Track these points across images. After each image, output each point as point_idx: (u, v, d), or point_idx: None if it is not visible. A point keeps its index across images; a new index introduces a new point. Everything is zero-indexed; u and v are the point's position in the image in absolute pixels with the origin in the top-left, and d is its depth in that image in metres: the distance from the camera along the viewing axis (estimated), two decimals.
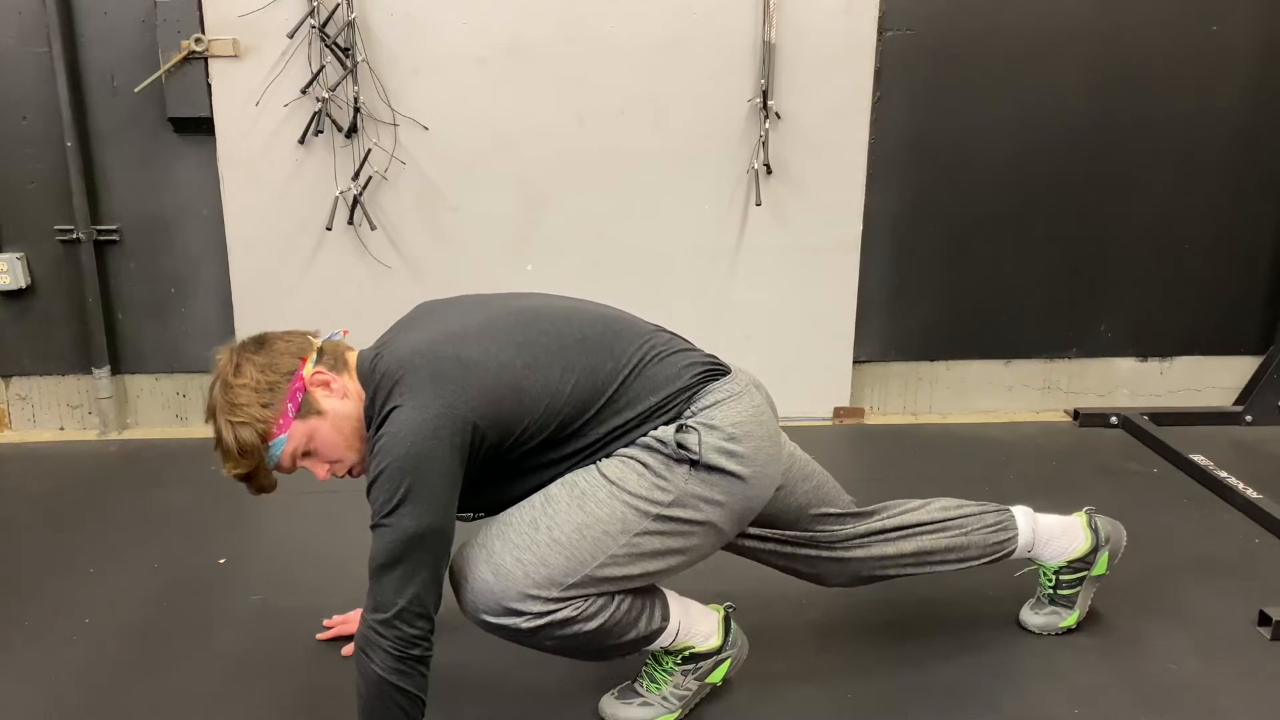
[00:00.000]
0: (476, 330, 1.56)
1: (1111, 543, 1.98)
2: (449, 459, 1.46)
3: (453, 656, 1.94)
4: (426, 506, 1.44)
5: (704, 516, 1.57)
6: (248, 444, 1.53)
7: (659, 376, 1.59)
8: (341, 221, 3.00)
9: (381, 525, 1.45)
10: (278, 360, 1.56)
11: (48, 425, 3.28)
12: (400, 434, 1.44)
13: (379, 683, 1.46)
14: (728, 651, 1.74)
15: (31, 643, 2.02)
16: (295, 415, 1.54)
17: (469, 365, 1.50)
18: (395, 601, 1.44)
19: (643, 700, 1.73)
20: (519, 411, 1.51)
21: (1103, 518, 2.00)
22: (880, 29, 3.02)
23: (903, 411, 3.41)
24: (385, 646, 1.45)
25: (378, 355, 1.56)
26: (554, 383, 1.53)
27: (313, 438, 1.56)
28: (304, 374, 1.55)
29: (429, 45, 2.94)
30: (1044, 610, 2.00)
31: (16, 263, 3.06)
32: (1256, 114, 3.18)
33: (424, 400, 1.46)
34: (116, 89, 2.99)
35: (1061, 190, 3.21)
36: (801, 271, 3.16)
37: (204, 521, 2.57)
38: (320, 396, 1.56)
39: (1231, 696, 1.82)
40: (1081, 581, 1.97)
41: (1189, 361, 3.41)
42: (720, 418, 1.57)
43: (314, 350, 1.59)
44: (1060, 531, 1.95)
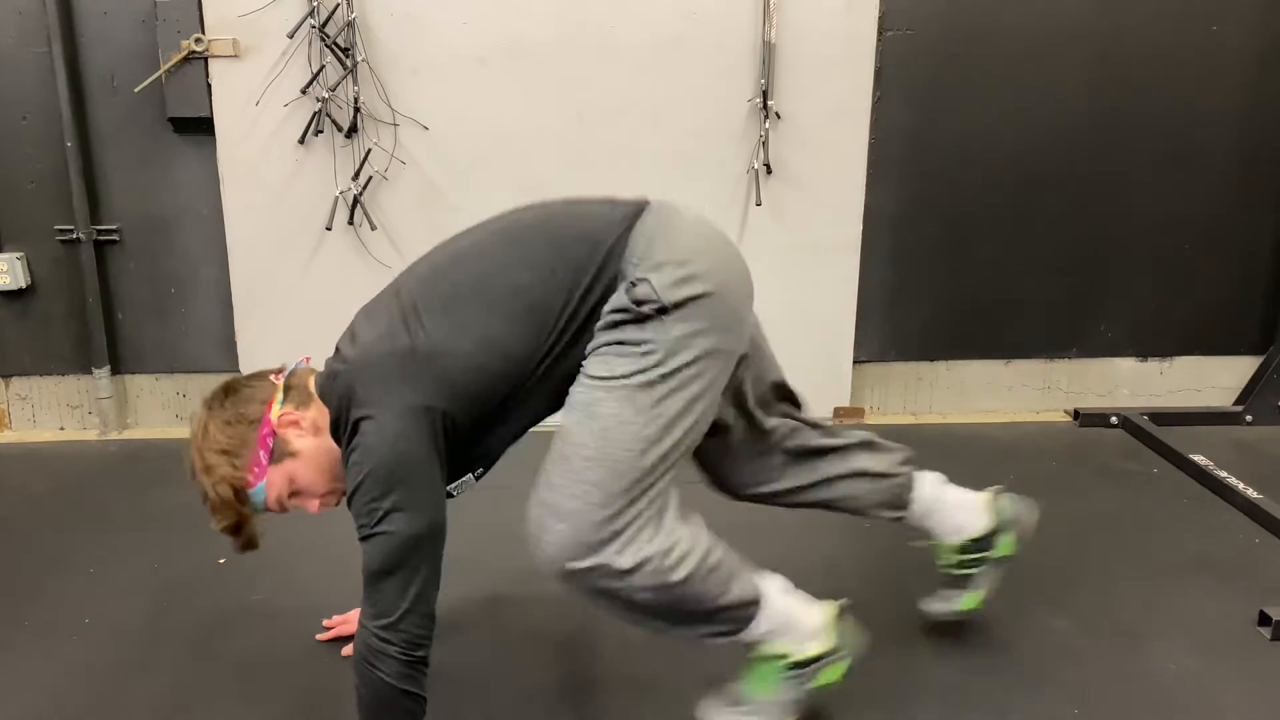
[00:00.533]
0: (412, 318, 1.51)
1: (1020, 526, 1.91)
2: (425, 455, 1.45)
3: (453, 656, 1.94)
4: (414, 508, 1.43)
5: (701, 348, 1.49)
6: (226, 500, 1.53)
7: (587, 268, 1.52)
8: (341, 221, 3.00)
9: (374, 535, 1.44)
10: (243, 410, 1.55)
11: (48, 425, 3.28)
12: (370, 443, 1.43)
13: (389, 691, 1.45)
14: (836, 655, 1.65)
15: (31, 643, 2.02)
16: (269, 461, 1.53)
17: (418, 357, 1.47)
18: (399, 606, 1.43)
19: (747, 707, 1.65)
20: (478, 382, 1.49)
21: (1011, 498, 1.93)
22: (880, 29, 3.02)
23: (903, 411, 3.41)
24: (393, 653, 1.44)
25: (331, 374, 1.54)
26: (501, 343, 1.49)
27: (293, 479, 1.55)
28: (271, 419, 1.54)
29: (429, 45, 2.94)
30: (943, 595, 1.96)
31: (16, 263, 3.07)
32: (1256, 114, 3.18)
33: (385, 404, 1.44)
34: (116, 89, 3.00)
35: (1062, 190, 3.21)
36: (801, 271, 3.16)
37: (204, 521, 2.55)
38: (292, 437, 1.55)
39: (1231, 696, 1.82)
40: (980, 564, 1.91)
41: (1189, 361, 3.42)
42: (659, 253, 1.51)
43: (279, 391, 1.57)
44: (961, 505, 1.90)
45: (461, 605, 2.10)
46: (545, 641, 2.00)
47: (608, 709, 1.81)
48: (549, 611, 2.08)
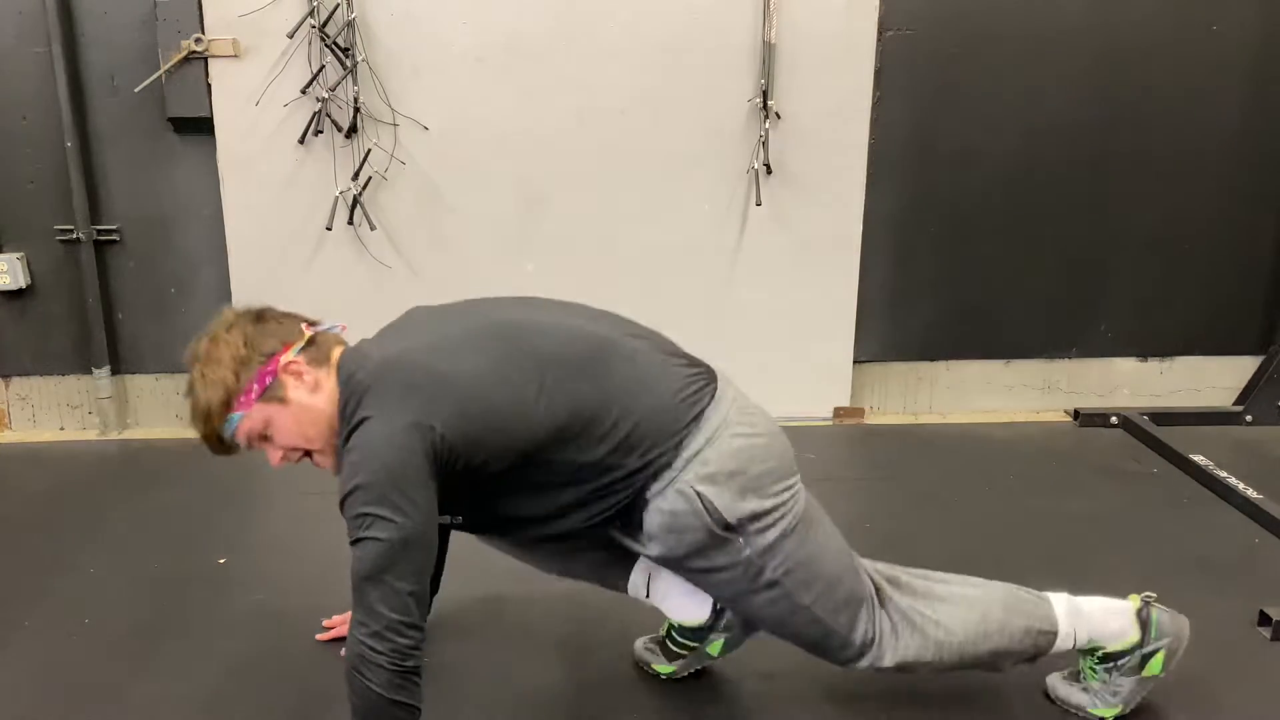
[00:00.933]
0: (454, 341, 1.54)
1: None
2: (421, 467, 1.44)
3: (453, 657, 1.94)
4: (404, 515, 1.43)
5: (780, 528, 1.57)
6: (212, 406, 1.53)
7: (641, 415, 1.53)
8: (341, 221, 3.00)
9: (362, 539, 1.44)
10: (263, 339, 1.56)
11: (48, 425, 3.28)
12: (370, 447, 1.44)
13: (378, 701, 1.45)
14: (1156, 644, 1.69)
15: (31, 643, 2.02)
16: (258, 397, 1.54)
17: (439, 377, 1.48)
18: (386, 614, 1.43)
19: (1083, 687, 1.77)
20: (489, 424, 1.48)
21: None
22: (880, 29, 3.02)
23: (903, 411, 3.41)
24: (381, 662, 1.43)
25: (356, 361, 1.55)
26: (528, 399, 1.49)
27: (270, 423, 1.55)
28: (281, 359, 1.55)
29: (429, 45, 2.94)
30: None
31: (16, 263, 3.06)
32: (1256, 114, 3.18)
33: (392, 411, 1.45)
34: (116, 89, 2.99)
35: (1061, 190, 3.21)
36: (801, 271, 3.16)
37: (204, 521, 2.57)
38: (289, 384, 1.55)
39: (1231, 696, 1.82)
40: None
41: (1189, 361, 3.41)
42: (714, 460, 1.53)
43: (301, 339, 1.58)
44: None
45: (461, 605, 2.10)
46: (545, 641, 2.00)
47: (608, 709, 1.80)
48: (549, 611, 2.08)
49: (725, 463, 1.53)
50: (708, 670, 1.90)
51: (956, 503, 2.66)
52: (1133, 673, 1.71)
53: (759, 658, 1.85)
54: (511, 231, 3.09)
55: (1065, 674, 1.81)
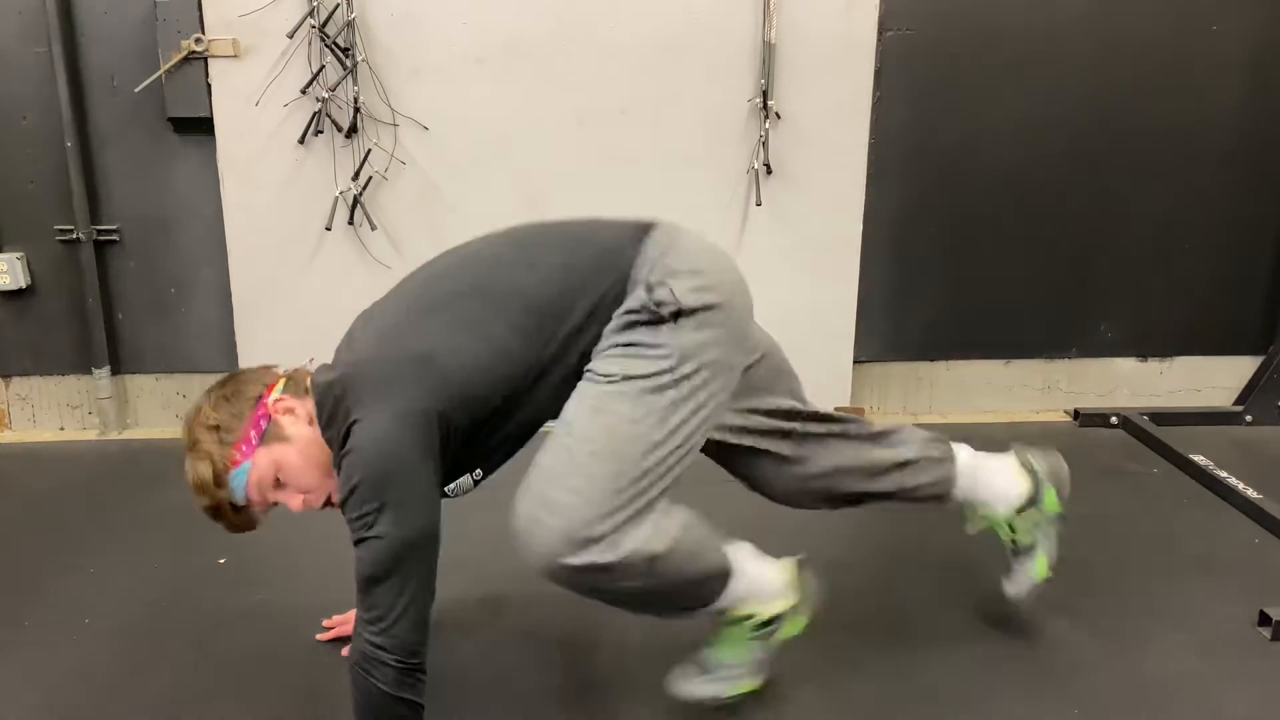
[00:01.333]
0: (412, 320, 1.52)
1: (1054, 477, 1.91)
2: (420, 458, 1.44)
3: (453, 657, 1.94)
4: (409, 511, 1.42)
5: (709, 357, 1.51)
6: (207, 477, 1.52)
7: (601, 270, 1.54)
8: (341, 221, 3.00)
9: (366, 539, 1.43)
10: (242, 389, 1.56)
11: (48, 425, 3.28)
12: (365, 446, 1.42)
13: (383, 698, 1.44)
14: (798, 609, 1.70)
15: (31, 643, 2.02)
16: (259, 442, 1.52)
17: (416, 359, 1.47)
18: (392, 612, 1.43)
19: (714, 674, 1.70)
20: (478, 383, 1.48)
21: (1034, 452, 1.94)
22: (880, 29, 3.02)
23: (903, 411, 3.41)
24: (387, 660, 1.43)
25: (327, 377, 1.53)
26: (502, 343, 1.49)
27: (280, 466, 1.54)
28: (268, 401, 1.54)
29: (429, 45, 2.94)
30: (1015, 574, 1.94)
31: (16, 263, 3.06)
32: (1256, 114, 3.18)
33: (379, 407, 1.43)
34: (116, 89, 3.00)
35: (1062, 190, 3.21)
36: (801, 271, 3.16)
37: (204, 522, 2.55)
38: (286, 423, 1.54)
39: (1231, 696, 1.82)
40: (1037, 525, 1.92)
41: (1189, 361, 3.42)
42: (675, 261, 1.52)
43: (280, 379, 1.58)
44: (997, 469, 1.91)
45: (461, 605, 2.10)
46: (545, 641, 2.00)
47: (608, 709, 1.81)
48: (549, 611, 2.08)
49: (680, 263, 1.53)
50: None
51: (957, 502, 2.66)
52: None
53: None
54: None
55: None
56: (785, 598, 1.67)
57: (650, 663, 1.89)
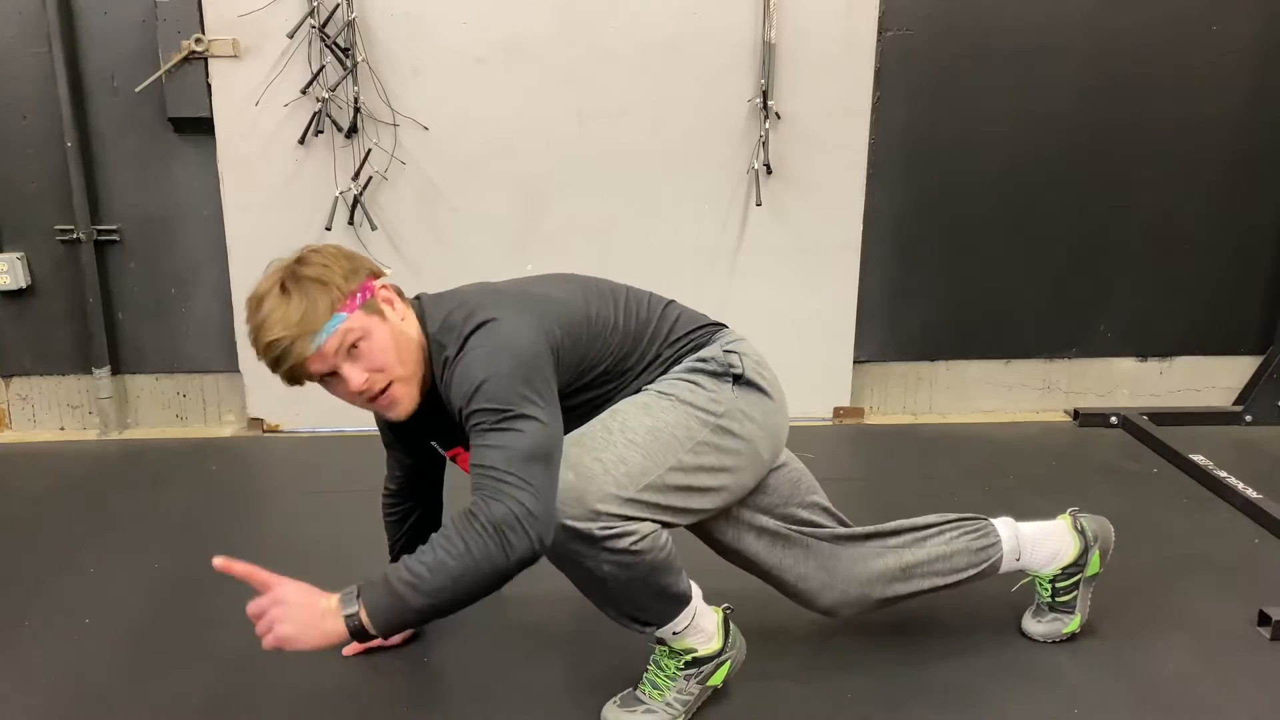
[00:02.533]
0: (530, 280, 1.72)
1: (1100, 541, 1.95)
2: (550, 365, 1.51)
3: (453, 657, 1.94)
4: (552, 404, 1.48)
5: (748, 433, 1.64)
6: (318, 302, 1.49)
7: (679, 316, 1.75)
8: (341, 221, 3.00)
9: (520, 416, 1.42)
10: (356, 260, 1.60)
11: (48, 425, 3.28)
12: (511, 334, 1.49)
13: (500, 568, 1.39)
14: (728, 653, 1.73)
15: (31, 643, 2.02)
16: (360, 305, 1.54)
17: (541, 297, 1.60)
18: (548, 494, 1.41)
19: (646, 708, 1.72)
20: (591, 336, 1.60)
21: (1087, 517, 1.98)
22: (880, 29, 3.02)
23: (903, 411, 3.41)
24: (531, 537, 1.38)
25: (444, 299, 1.64)
26: (610, 315, 1.65)
27: (369, 334, 1.53)
28: (374, 284, 1.58)
29: (429, 45, 2.94)
30: (1045, 618, 1.98)
31: (16, 263, 3.07)
32: (1256, 114, 3.18)
33: (516, 314, 1.53)
34: (116, 89, 3.00)
35: (1061, 190, 3.21)
36: (801, 271, 3.16)
37: (204, 521, 2.57)
38: (383, 305, 1.58)
39: (1231, 696, 1.82)
40: (1077, 585, 1.95)
41: (1189, 361, 3.42)
42: (745, 348, 1.72)
43: (385, 273, 1.64)
44: (1045, 537, 1.93)
45: None
46: (545, 641, 2.00)
47: None
48: (549, 611, 2.08)
49: (754, 355, 1.73)
50: None
51: (956, 503, 2.65)
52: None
53: (759, 658, 1.85)
54: (511, 231, 3.09)
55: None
56: (717, 641, 1.72)
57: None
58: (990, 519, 1.93)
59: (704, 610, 1.71)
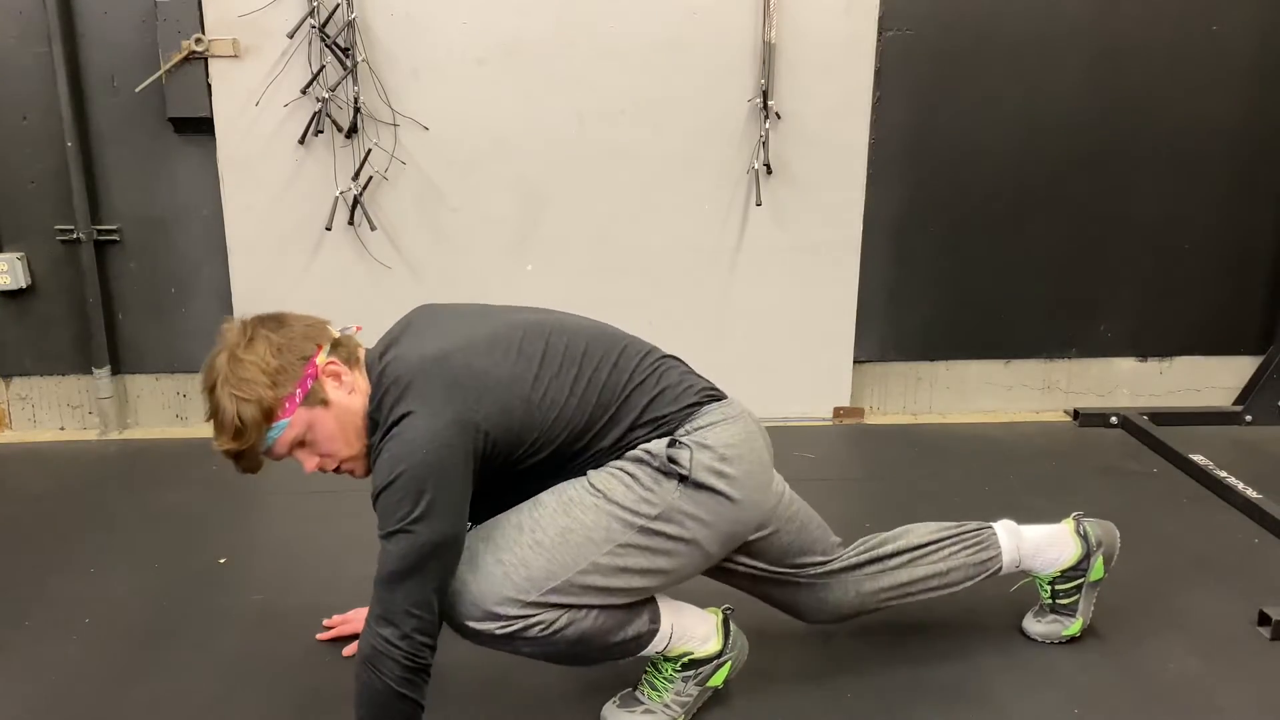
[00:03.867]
0: (485, 341, 1.54)
1: (1104, 546, 1.93)
2: (463, 467, 1.45)
3: (453, 657, 1.94)
4: (444, 515, 1.42)
5: (689, 534, 1.56)
6: (249, 421, 1.48)
7: (658, 392, 1.61)
8: (341, 221, 3.00)
9: (398, 533, 1.42)
10: (295, 343, 1.52)
11: (48, 425, 3.28)
12: (416, 440, 1.42)
13: (387, 694, 1.45)
14: (728, 654, 1.73)
15: (31, 643, 2.02)
16: (301, 402, 1.50)
17: (481, 375, 1.49)
18: (409, 611, 1.43)
19: (645, 708, 1.71)
20: (529, 423, 1.51)
21: (1092, 522, 1.96)
22: (880, 29, 3.02)
23: (903, 411, 3.41)
24: (397, 657, 1.43)
25: (385, 358, 1.53)
26: (562, 395, 1.54)
27: (313, 427, 1.53)
28: (318, 361, 1.52)
29: (429, 45, 2.94)
30: (1045, 619, 1.98)
31: (16, 263, 3.06)
32: (1256, 114, 3.18)
33: (437, 407, 1.44)
34: (116, 89, 2.99)
35: (1061, 189, 3.21)
36: (801, 271, 3.16)
37: (204, 521, 2.57)
38: (329, 387, 1.53)
39: (1231, 696, 1.82)
40: (1079, 589, 1.94)
41: (1189, 361, 3.41)
42: (714, 438, 1.58)
43: (330, 340, 1.56)
44: (1048, 542, 1.92)
45: None
46: None
47: None
48: None
49: (723, 447, 1.57)
50: None
51: (956, 503, 2.66)
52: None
53: (758, 658, 1.84)
54: (511, 231, 3.09)
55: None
56: (715, 643, 1.71)
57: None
58: (992, 525, 1.91)
59: (694, 617, 1.70)
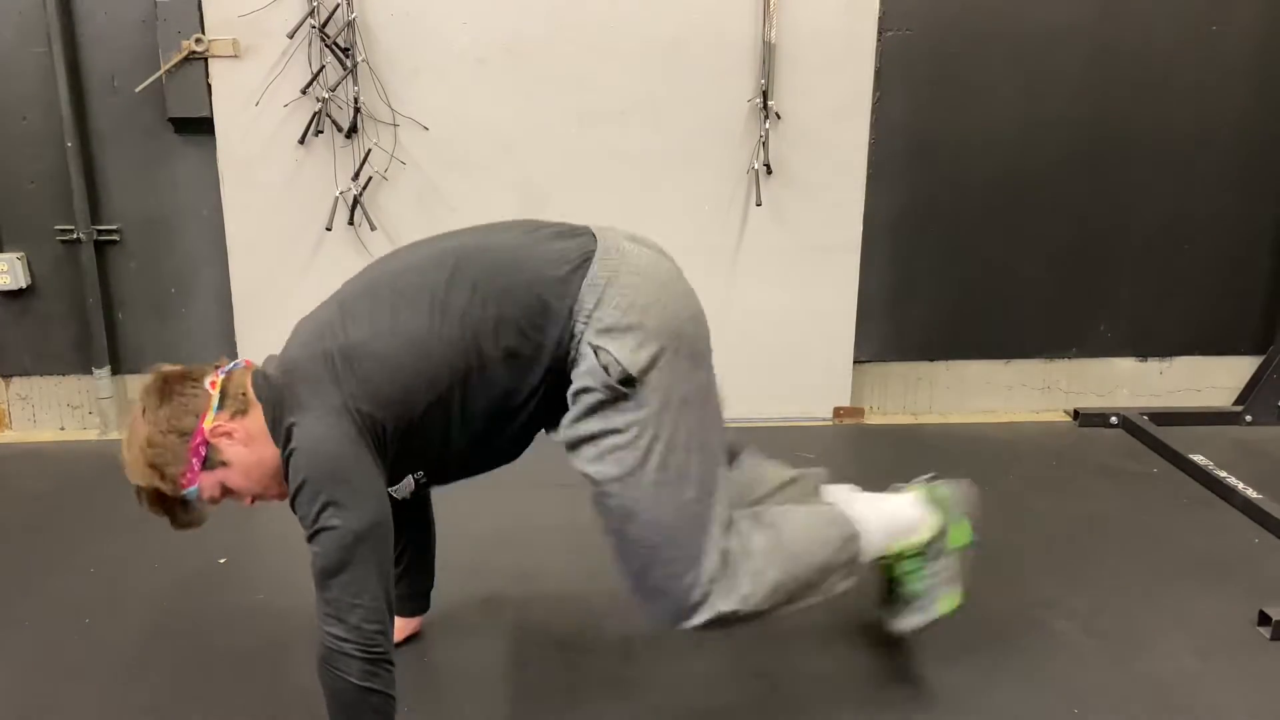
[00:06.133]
0: (340, 319, 1.55)
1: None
2: (355, 452, 1.47)
3: (453, 656, 1.94)
4: (355, 503, 1.45)
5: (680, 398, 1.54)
6: (151, 501, 1.55)
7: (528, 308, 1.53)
8: (341, 221, 3.00)
9: (318, 533, 1.45)
10: (176, 421, 1.53)
11: (48, 425, 3.28)
12: (303, 447, 1.46)
13: (354, 692, 1.46)
14: (954, 515, 1.73)
15: (31, 643, 2.02)
16: (201, 468, 1.54)
17: (340, 358, 1.50)
18: (352, 604, 1.45)
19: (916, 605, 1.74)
20: (399, 382, 1.50)
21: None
22: (880, 29, 3.02)
23: (903, 411, 3.41)
24: (350, 651, 1.45)
25: (264, 380, 1.57)
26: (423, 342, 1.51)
27: (224, 483, 1.57)
28: (205, 428, 1.53)
29: (429, 45, 2.94)
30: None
31: (16, 263, 3.06)
32: (1256, 114, 3.18)
33: (310, 407, 1.48)
34: (116, 89, 2.99)
35: (1061, 189, 3.21)
36: (801, 271, 3.16)
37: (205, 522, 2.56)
38: (224, 447, 1.54)
39: (1231, 696, 1.82)
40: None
41: (1189, 361, 3.41)
42: (610, 315, 1.52)
43: (213, 400, 1.55)
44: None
45: (461, 605, 2.10)
46: (545, 641, 2.00)
47: (607, 709, 1.81)
48: (549, 611, 2.08)
49: (619, 316, 1.52)
50: (706, 670, 1.90)
51: None
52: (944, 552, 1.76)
53: (759, 657, 1.85)
54: None
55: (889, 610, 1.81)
56: (929, 519, 1.71)
57: (650, 663, 1.90)
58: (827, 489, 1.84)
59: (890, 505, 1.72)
